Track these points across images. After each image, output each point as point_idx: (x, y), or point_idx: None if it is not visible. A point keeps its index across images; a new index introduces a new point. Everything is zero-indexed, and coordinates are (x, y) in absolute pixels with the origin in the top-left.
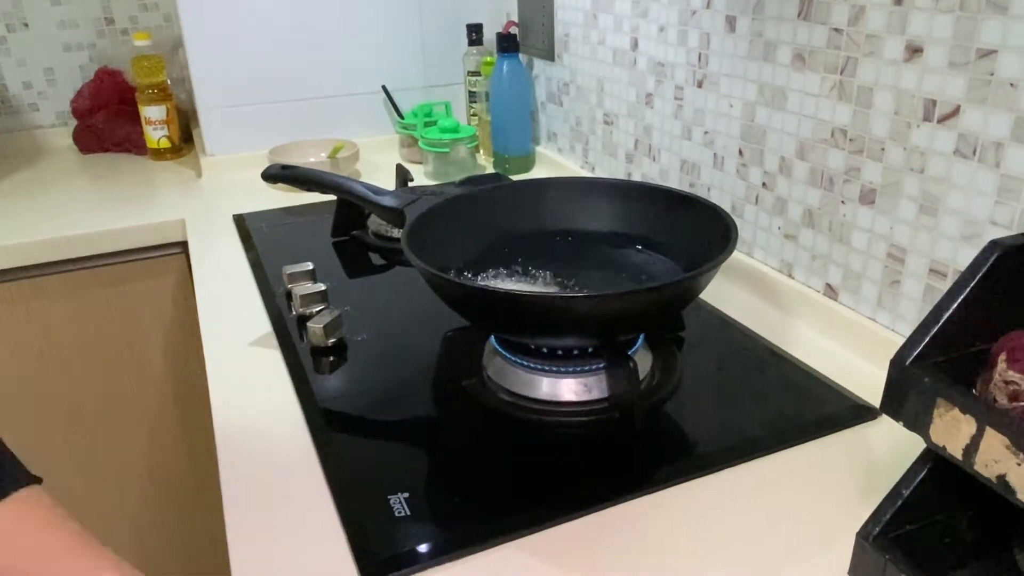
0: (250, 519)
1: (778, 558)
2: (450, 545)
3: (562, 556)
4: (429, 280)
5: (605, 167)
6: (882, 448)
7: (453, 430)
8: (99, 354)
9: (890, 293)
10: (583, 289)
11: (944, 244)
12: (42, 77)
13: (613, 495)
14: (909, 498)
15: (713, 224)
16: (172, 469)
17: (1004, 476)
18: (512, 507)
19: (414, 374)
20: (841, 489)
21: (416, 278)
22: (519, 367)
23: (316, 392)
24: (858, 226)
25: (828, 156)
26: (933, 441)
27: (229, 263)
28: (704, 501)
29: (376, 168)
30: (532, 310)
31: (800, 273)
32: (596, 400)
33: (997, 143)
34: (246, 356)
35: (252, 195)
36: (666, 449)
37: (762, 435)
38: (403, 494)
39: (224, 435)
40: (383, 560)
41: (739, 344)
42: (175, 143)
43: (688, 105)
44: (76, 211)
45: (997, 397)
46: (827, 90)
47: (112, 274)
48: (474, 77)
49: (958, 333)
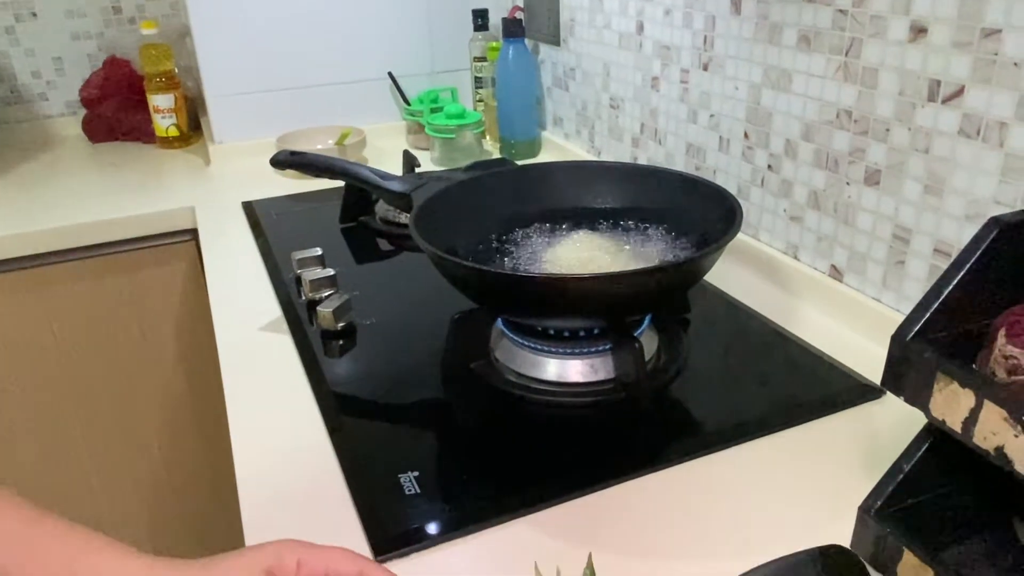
0: (264, 499)
1: (782, 533)
2: (459, 521)
3: (569, 532)
4: (437, 262)
5: (611, 151)
6: (886, 426)
7: (462, 411)
8: (111, 341)
9: (895, 273)
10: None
11: (948, 224)
12: (51, 66)
13: (619, 473)
14: (910, 473)
15: (719, 205)
16: (185, 453)
17: (1002, 448)
18: (520, 485)
19: (423, 356)
20: (845, 466)
21: (424, 263)
22: (526, 349)
23: (326, 374)
24: (863, 207)
25: (833, 138)
26: (933, 415)
27: (239, 249)
28: (709, 479)
29: (383, 154)
30: (538, 291)
31: (806, 255)
32: (603, 381)
33: (1001, 123)
34: (257, 340)
35: (260, 182)
36: (672, 428)
37: (767, 414)
38: (413, 473)
39: (237, 418)
40: (394, 536)
41: (745, 325)
42: (183, 131)
43: (694, 88)
44: (86, 199)
45: (997, 372)
46: (832, 71)
47: (123, 262)
48: (480, 63)
49: (959, 309)
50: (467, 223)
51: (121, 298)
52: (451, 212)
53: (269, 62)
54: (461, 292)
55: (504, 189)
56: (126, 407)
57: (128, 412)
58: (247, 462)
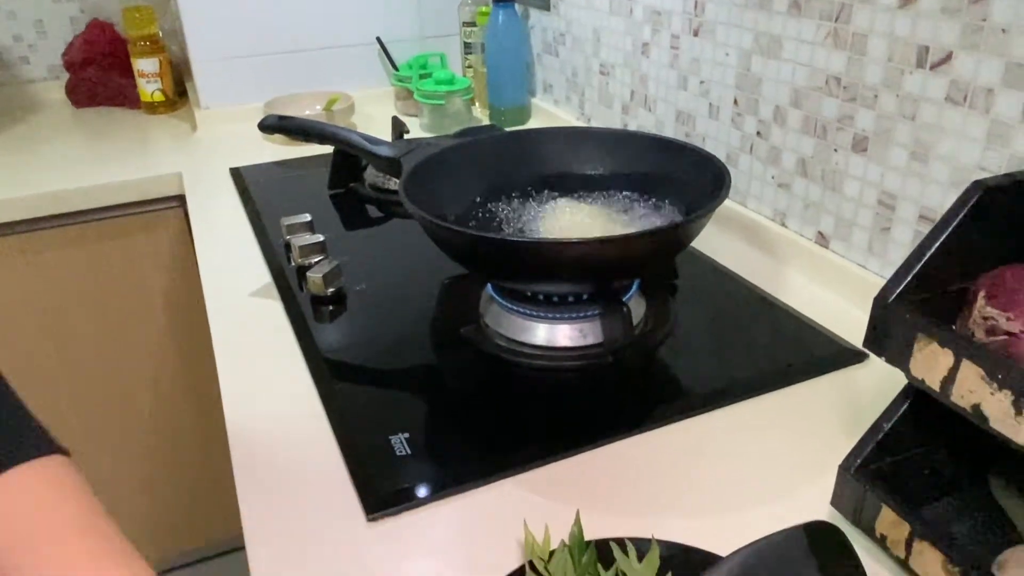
0: (256, 462)
1: (764, 490)
2: (450, 481)
3: (557, 491)
4: (426, 227)
5: (601, 118)
6: (868, 389)
7: (452, 375)
8: (99, 307)
9: (880, 240)
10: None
11: (934, 190)
12: (32, 30)
13: (607, 435)
14: (890, 432)
15: (707, 171)
16: (176, 418)
17: (979, 405)
18: (509, 446)
19: (413, 322)
20: (828, 427)
21: (413, 230)
22: (515, 314)
23: (317, 339)
24: (850, 174)
25: (822, 104)
26: (913, 374)
27: (227, 215)
28: (694, 439)
29: (371, 121)
30: (528, 255)
31: (793, 222)
32: (591, 345)
33: (988, 89)
34: (247, 306)
35: (248, 148)
36: (658, 391)
37: (753, 378)
38: (404, 434)
39: (229, 382)
40: (385, 495)
41: (732, 292)
42: (169, 96)
43: (684, 54)
44: (72, 165)
45: (976, 332)
46: (822, 37)
47: (110, 228)
48: (469, 28)
49: (940, 272)
50: (456, 189)
51: (110, 264)
52: (440, 177)
53: (255, 26)
54: (451, 257)
55: (493, 155)
56: (115, 373)
57: (117, 378)
58: (238, 424)
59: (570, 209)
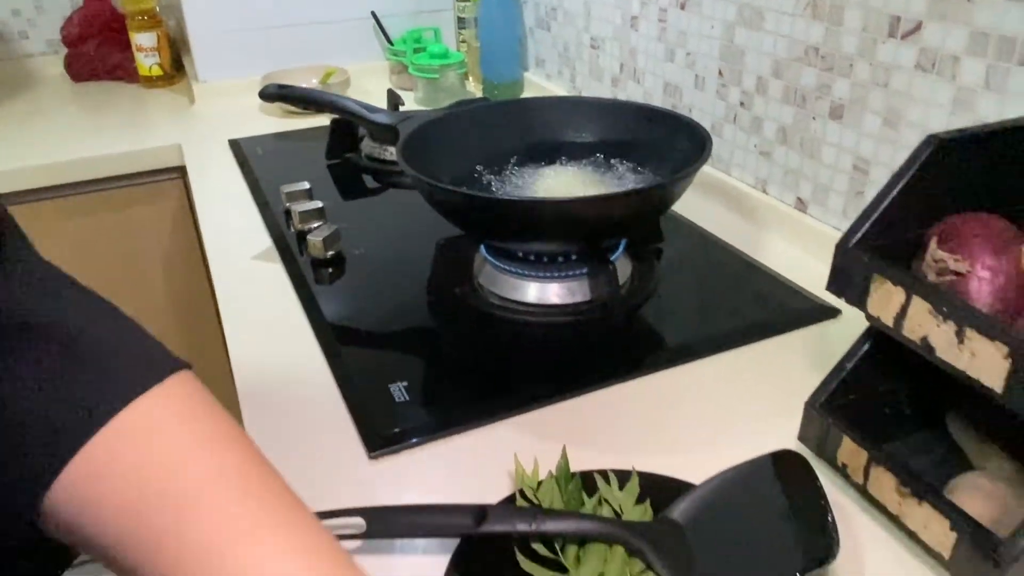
0: (265, 415)
1: (737, 429)
2: (446, 424)
3: (546, 432)
4: (422, 189)
5: (592, 91)
6: (839, 340)
7: (447, 331)
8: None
9: (855, 204)
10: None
11: (904, 155)
12: (31, 4)
13: (592, 382)
14: (852, 371)
15: (690, 138)
16: None
17: (926, 337)
18: (501, 393)
19: (410, 283)
20: (801, 372)
21: (410, 199)
22: (507, 273)
23: (318, 299)
24: (827, 141)
25: (801, 74)
26: (870, 312)
27: (227, 185)
28: (674, 386)
29: (367, 94)
30: (520, 214)
31: (774, 188)
32: (580, 303)
33: (954, 56)
34: (250, 270)
35: (246, 120)
36: (643, 344)
37: (732, 332)
38: (402, 383)
39: (236, 340)
40: (386, 437)
41: (715, 255)
42: (167, 70)
43: (671, 27)
44: (72, 137)
45: (928, 274)
46: (801, 9)
47: (111, 199)
48: (463, 2)
49: (897, 219)
50: (451, 155)
51: (110, 235)
52: (436, 143)
53: (252, 0)
54: (446, 218)
55: (488, 123)
56: None
57: None
58: (245, 379)
59: (562, 174)
